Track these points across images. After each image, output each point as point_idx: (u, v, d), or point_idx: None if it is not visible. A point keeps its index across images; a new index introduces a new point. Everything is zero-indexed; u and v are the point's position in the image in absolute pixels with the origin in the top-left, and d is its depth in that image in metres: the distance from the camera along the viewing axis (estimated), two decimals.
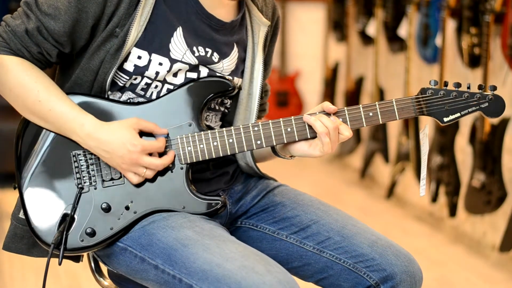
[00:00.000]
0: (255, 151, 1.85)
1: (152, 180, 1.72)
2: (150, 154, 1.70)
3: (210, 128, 1.80)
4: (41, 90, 1.69)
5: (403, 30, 4.38)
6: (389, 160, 4.81)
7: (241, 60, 1.83)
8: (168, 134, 1.72)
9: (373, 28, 4.83)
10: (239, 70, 1.83)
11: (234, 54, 1.81)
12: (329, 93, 5.69)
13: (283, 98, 5.93)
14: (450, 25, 3.81)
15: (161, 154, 1.71)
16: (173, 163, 1.72)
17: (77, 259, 1.77)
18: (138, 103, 1.74)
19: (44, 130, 1.73)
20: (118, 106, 1.72)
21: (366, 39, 5.02)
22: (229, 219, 1.86)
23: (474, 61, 3.63)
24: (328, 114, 1.72)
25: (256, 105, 1.83)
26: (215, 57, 1.77)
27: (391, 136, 4.77)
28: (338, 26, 5.50)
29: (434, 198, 4.04)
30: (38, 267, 1.74)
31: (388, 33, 4.59)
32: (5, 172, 4.77)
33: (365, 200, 4.84)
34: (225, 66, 1.79)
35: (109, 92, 1.74)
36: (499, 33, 3.49)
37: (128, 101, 1.75)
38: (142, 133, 1.70)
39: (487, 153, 3.52)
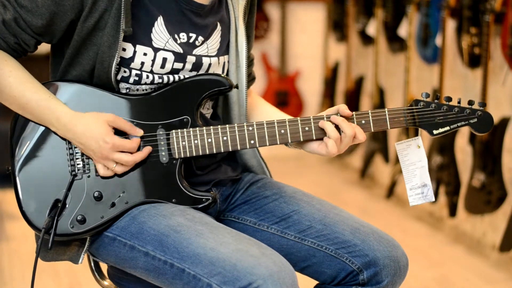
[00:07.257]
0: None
1: (145, 172, 1.73)
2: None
3: (202, 115, 1.81)
4: (14, 85, 1.70)
5: (403, 30, 4.38)
6: (389, 160, 4.81)
7: (225, 37, 1.85)
8: (158, 131, 1.72)
9: (373, 28, 4.83)
10: (223, 47, 1.85)
11: (217, 32, 1.83)
12: (329, 93, 5.69)
13: (283, 98, 5.93)
14: (450, 25, 3.81)
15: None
16: (166, 156, 1.73)
17: (76, 260, 1.77)
18: (136, 95, 1.74)
19: None
20: (116, 97, 1.73)
21: (366, 39, 5.03)
22: (217, 213, 1.87)
23: (474, 61, 3.63)
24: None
25: (244, 76, 1.86)
26: (199, 40, 1.79)
27: (391, 136, 4.77)
28: (338, 26, 5.50)
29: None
30: (38, 267, 1.74)
31: (388, 33, 4.59)
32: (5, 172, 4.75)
33: (365, 200, 4.84)
34: (209, 46, 1.81)
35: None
36: (499, 33, 3.49)
37: (127, 92, 1.76)
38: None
39: (487, 153, 3.52)
